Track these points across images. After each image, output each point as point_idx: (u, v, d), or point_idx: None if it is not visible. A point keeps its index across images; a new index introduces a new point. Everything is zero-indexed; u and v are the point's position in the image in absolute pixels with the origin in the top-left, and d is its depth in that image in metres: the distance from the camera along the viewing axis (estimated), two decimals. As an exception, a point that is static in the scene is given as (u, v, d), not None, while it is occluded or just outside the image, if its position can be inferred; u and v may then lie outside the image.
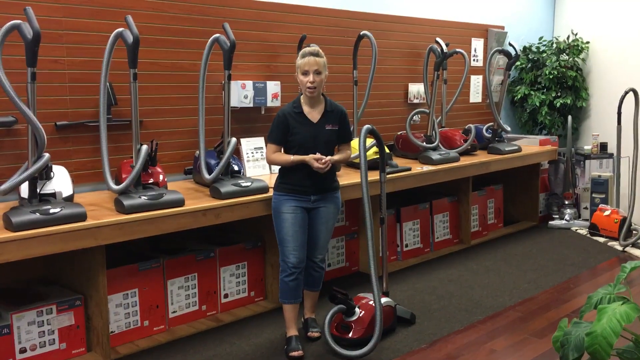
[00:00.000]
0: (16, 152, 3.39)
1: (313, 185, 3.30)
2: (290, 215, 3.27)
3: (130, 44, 3.16)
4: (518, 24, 6.74)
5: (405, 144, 5.22)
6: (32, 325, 3.06)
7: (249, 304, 3.94)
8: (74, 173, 3.52)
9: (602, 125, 6.65)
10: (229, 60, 3.58)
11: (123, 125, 3.74)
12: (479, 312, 3.86)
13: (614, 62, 6.65)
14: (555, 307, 3.94)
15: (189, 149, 4.11)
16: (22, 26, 2.83)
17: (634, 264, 2.32)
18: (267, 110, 4.44)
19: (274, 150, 3.31)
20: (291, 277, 3.27)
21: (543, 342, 3.41)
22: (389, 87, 5.44)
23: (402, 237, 4.89)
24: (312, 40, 4.48)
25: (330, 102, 3.37)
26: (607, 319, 2.01)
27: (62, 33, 3.53)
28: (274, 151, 3.31)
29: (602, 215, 5.61)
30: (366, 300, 3.46)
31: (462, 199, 5.31)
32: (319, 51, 3.27)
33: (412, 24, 5.55)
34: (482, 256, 5.06)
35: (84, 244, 2.97)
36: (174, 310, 3.60)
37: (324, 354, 3.28)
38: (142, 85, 3.71)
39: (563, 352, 2.15)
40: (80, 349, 3.23)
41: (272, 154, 3.31)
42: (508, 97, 6.80)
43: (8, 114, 3.32)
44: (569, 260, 4.95)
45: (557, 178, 6.16)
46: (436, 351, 3.33)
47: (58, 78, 3.54)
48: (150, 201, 3.21)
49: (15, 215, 2.82)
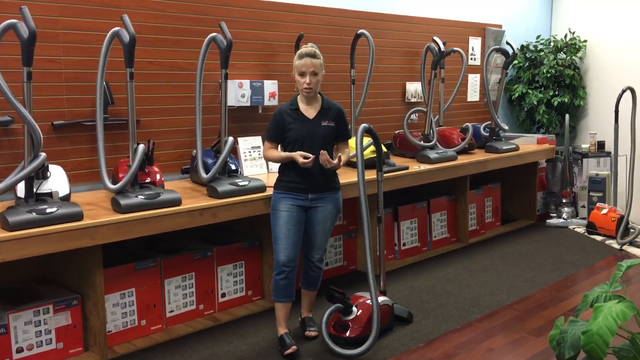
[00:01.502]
0: (12, 151, 3.39)
1: (310, 183, 3.30)
2: (285, 214, 3.27)
3: (126, 43, 3.15)
4: (516, 22, 6.74)
5: (402, 142, 5.22)
6: (29, 324, 3.06)
7: (247, 303, 3.94)
8: (70, 172, 3.52)
9: (599, 124, 6.65)
10: (226, 59, 3.58)
11: (120, 125, 3.74)
12: (476, 310, 3.86)
13: (611, 61, 6.65)
14: (552, 306, 3.94)
15: (186, 148, 4.11)
16: (17, 25, 2.82)
17: (631, 263, 2.32)
18: (265, 110, 4.44)
19: (269, 148, 3.34)
20: (281, 275, 3.27)
21: (540, 341, 3.41)
22: (387, 86, 5.44)
23: (399, 235, 4.89)
24: (309, 39, 4.48)
25: (328, 101, 3.39)
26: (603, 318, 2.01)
27: (58, 32, 3.53)
28: (269, 148, 3.34)
29: (599, 214, 5.62)
30: (363, 299, 3.46)
31: (459, 197, 5.32)
32: (316, 52, 3.28)
33: (409, 23, 5.54)
34: (480, 255, 5.06)
35: (80, 244, 2.96)
36: (171, 309, 3.60)
37: (321, 353, 3.28)
38: (139, 85, 3.71)
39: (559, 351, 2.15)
40: (77, 349, 3.23)
41: (267, 151, 3.36)
42: (505, 95, 6.80)
43: (4, 114, 3.31)
44: (566, 258, 4.95)
45: (554, 177, 6.16)
46: (433, 350, 3.33)
47: (54, 77, 3.54)
48: (147, 200, 3.21)
49: (12, 214, 2.82)
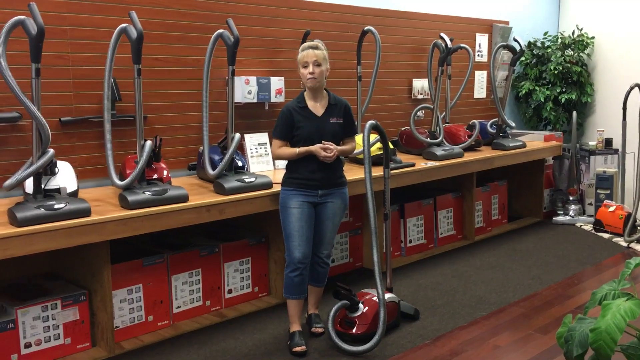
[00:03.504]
0: (21, 147, 3.40)
1: (320, 179, 3.30)
2: (297, 210, 3.27)
3: (134, 39, 3.16)
4: (523, 19, 6.71)
5: (409, 139, 5.21)
6: (37, 320, 3.08)
7: (253, 300, 3.95)
8: (78, 169, 3.53)
9: (607, 121, 6.62)
10: (233, 55, 3.58)
11: (127, 121, 3.74)
12: (482, 308, 3.86)
13: (619, 58, 6.62)
14: (559, 303, 3.93)
15: (193, 145, 4.11)
16: (26, 22, 2.83)
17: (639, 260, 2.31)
18: (271, 106, 4.44)
19: (279, 146, 3.32)
20: (296, 272, 3.27)
21: (547, 338, 3.40)
22: (393, 82, 5.43)
23: (406, 232, 4.89)
24: (316, 35, 4.47)
25: (334, 96, 3.39)
26: (612, 315, 2.00)
27: (66, 29, 3.54)
28: (280, 146, 3.32)
29: (606, 211, 5.59)
30: (370, 296, 3.46)
31: (466, 194, 5.31)
32: (319, 45, 3.28)
33: (416, 19, 5.53)
34: (486, 252, 5.06)
35: (88, 240, 2.97)
36: (178, 305, 3.61)
37: (328, 350, 3.28)
38: (146, 81, 3.72)
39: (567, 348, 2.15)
40: (84, 344, 3.24)
41: (278, 149, 3.33)
42: (512, 92, 6.78)
43: (13, 110, 3.33)
44: (573, 256, 4.94)
45: (561, 174, 6.14)
46: (440, 347, 3.33)
47: (62, 74, 3.55)
48: (154, 197, 3.22)
49: (20, 210, 2.83)
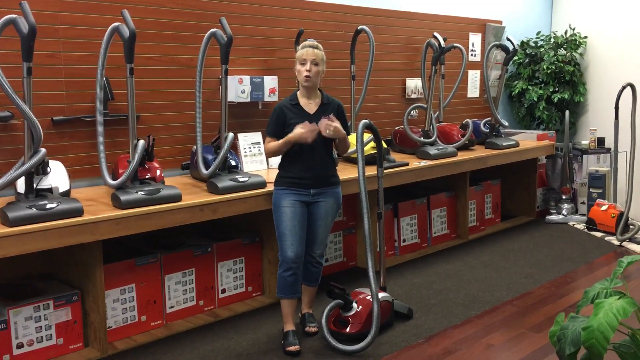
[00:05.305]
0: (12, 147, 3.38)
1: (312, 178, 3.30)
2: (289, 210, 3.27)
3: (126, 38, 3.14)
4: (516, 18, 6.73)
5: (402, 139, 5.22)
6: (29, 320, 3.06)
7: (247, 299, 3.94)
8: (70, 168, 3.51)
9: (599, 120, 6.64)
10: (226, 55, 3.57)
11: (120, 120, 3.73)
12: (476, 306, 3.86)
13: (611, 57, 6.65)
14: (552, 302, 3.94)
15: (186, 144, 4.10)
16: (17, 20, 2.81)
17: (631, 259, 2.32)
18: (265, 105, 4.43)
19: (270, 143, 3.33)
20: (289, 272, 3.27)
21: (540, 337, 3.41)
22: (387, 82, 5.44)
23: (399, 232, 4.89)
24: (309, 34, 4.47)
25: (327, 96, 3.40)
26: (604, 314, 2.00)
27: (58, 27, 3.52)
28: (270, 143, 3.33)
29: (599, 210, 5.62)
30: (364, 295, 3.46)
31: (459, 194, 5.32)
32: (319, 45, 3.33)
33: (409, 19, 5.54)
34: (480, 251, 5.07)
35: (80, 239, 2.96)
36: (171, 305, 3.60)
37: (322, 349, 3.28)
38: (139, 80, 3.70)
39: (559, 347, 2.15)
40: (77, 344, 3.23)
41: (269, 145, 3.33)
42: (506, 92, 6.79)
43: (4, 109, 3.31)
44: (566, 255, 4.95)
45: (554, 173, 6.16)
46: (433, 346, 3.34)
47: (54, 73, 3.53)
48: (147, 196, 3.20)
49: (12, 210, 2.82)
